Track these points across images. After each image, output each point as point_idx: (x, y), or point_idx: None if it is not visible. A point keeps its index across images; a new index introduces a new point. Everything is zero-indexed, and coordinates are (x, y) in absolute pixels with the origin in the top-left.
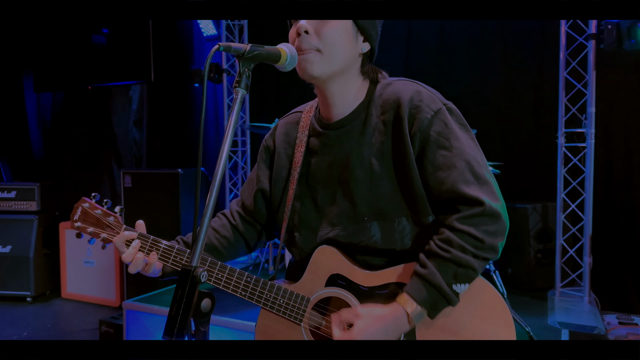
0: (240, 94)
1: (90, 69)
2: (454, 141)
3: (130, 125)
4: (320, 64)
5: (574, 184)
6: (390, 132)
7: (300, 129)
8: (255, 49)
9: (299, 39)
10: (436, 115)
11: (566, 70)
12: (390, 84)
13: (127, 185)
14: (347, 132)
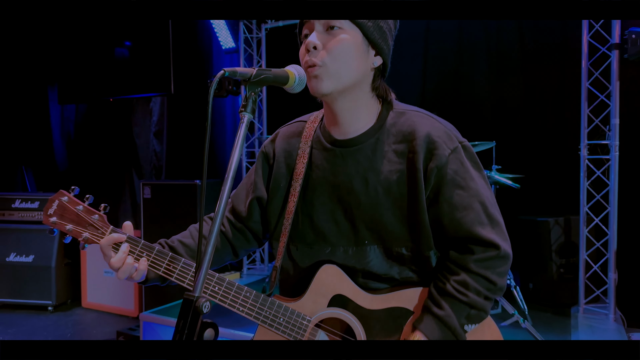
0: (246, 118)
1: (112, 81)
2: (470, 181)
3: (151, 137)
4: (330, 79)
5: (598, 197)
6: (402, 163)
7: (303, 139)
8: (262, 73)
9: (308, 55)
10: (453, 153)
11: (588, 80)
12: (404, 113)
13: (147, 197)
14: (355, 154)
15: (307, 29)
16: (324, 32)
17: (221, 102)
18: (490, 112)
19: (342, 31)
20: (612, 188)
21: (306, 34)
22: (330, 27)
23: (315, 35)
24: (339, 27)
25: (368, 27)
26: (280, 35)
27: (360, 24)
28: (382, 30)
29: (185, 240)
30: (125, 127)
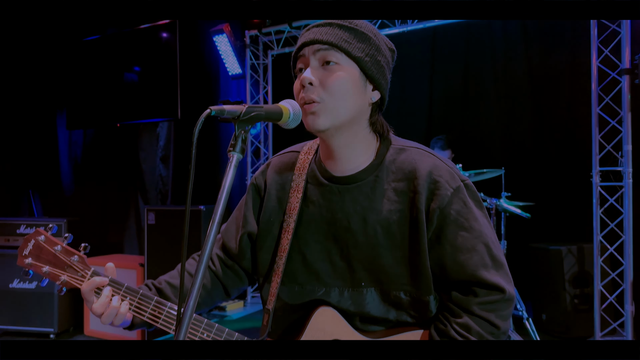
0: (235, 158)
1: (120, 106)
2: (473, 222)
3: (157, 162)
4: (327, 116)
5: (612, 225)
6: (402, 203)
7: (296, 172)
8: (253, 110)
9: (303, 91)
10: (455, 192)
11: (599, 106)
12: (404, 149)
13: (151, 222)
14: (353, 192)
15: (301, 63)
16: (319, 67)
17: (227, 127)
18: (498, 139)
19: (338, 67)
20: (627, 216)
21: (301, 68)
22: (326, 62)
23: (310, 71)
24: (335, 62)
25: (365, 62)
26: (286, 61)
27: (357, 58)
28: (380, 64)
29: (172, 281)
30: (132, 152)
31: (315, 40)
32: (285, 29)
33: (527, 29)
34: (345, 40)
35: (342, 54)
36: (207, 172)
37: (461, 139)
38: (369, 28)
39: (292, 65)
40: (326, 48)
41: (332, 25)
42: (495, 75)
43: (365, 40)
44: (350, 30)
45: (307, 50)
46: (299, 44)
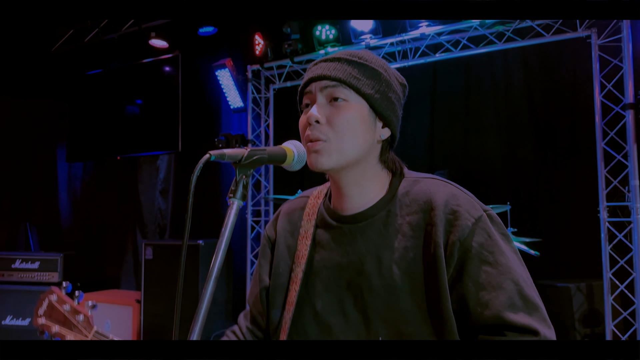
0: (235, 205)
1: (121, 139)
2: (499, 256)
3: (157, 195)
4: (331, 156)
5: (622, 262)
6: (418, 238)
7: (305, 217)
8: (255, 154)
9: (309, 128)
10: (477, 223)
11: (604, 140)
12: (418, 181)
13: (148, 257)
14: (364, 230)
15: (308, 99)
16: (327, 104)
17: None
18: (502, 173)
19: (346, 104)
20: (637, 252)
21: (307, 104)
22: (334, 98)
23: (317, 108)
24: (344, 99)
25: (375, 99)
26: (287, 95)
27: (367, 95)
28: (391, 100)
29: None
30: (131, 185)
31: (322, 76)
32: (287, 63)
33: (527, 63)
34: (354, 76)
35: (351, 90)
36: (207, 205)
37: (464, 174)
38: (379, 63)
39: (298, 100)
40: (334, 85)
41: (340, 60)
42: (497, 109)
43: (375, 76)
44: (359, 66)
45: (314, 86)
46: (305, 79)
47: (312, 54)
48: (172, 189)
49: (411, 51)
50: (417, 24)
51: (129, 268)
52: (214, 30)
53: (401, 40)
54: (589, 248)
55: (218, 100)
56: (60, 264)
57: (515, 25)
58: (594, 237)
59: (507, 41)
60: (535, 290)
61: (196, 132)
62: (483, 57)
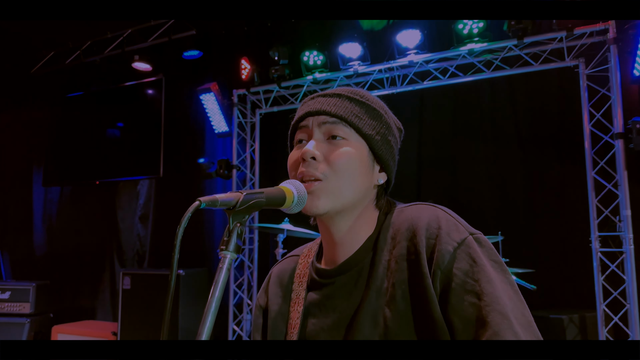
0: (228, 259)
1: (100, 163)
2: (486, 284)
3: (136, 221)
4: (328, 197)
5: (615, 294)
6: (403, 270)
7: (296, 279)
8: (251, 198)
9: (303, 165)
10: (460, 247)
11: (594, 170)
12: (402, 210)
13: (126, 287)
14: (354, 277)
15: (303, 135)
16: (324, 141)
17: (211, 186)
18: (492, 203)
19: (346, 142)
20: (630, 283)
21: (301, 139)
22: (333, 136)
23: (314, 143)
24: (343, 138)
25: (376, 141)
26: (274, 120)
27: (368, 136)
28: (390, 144)
29: None
30: (109, 211)
31: (322, 111)
32: (274, 88)
33: (514, 92)
34: (356, 115)
35: (352, 129)
36: (187, 231)
37: (453, 204)
38: (380, 104)
39: (290, 135)
40: (333, 121)
41: (340, 96)
42: (484, 138)
43: (377, 117)
44: (361, 105)
45: (312, 121)
46: (301, 113)
47: (300, 79)
48: (152, 215)
49: (399, 78)
50: (406, 52)
51: (105, 298)
52: (199, 54)
53: (389, 68)
54: (581, 279)
55: (202, 124)
56: (33, 294)
57: (503, 54)
58: (587, 268)
59: (495, 70)
60: (531, 322)
61: (178, 156)
62: (470, 86)
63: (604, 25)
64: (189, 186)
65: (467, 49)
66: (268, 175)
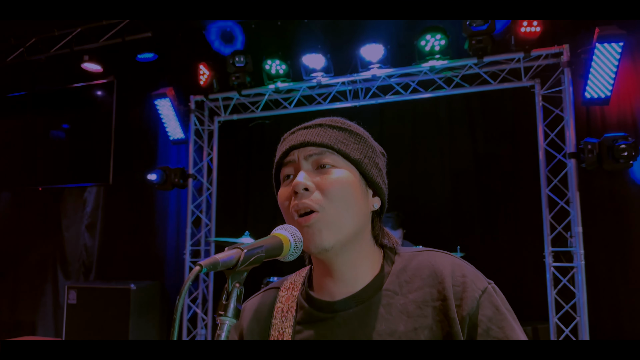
0: (226, 325)
1: (44, 168)
2: (510, 332)
3: (82, 230)
4: (331, 230)
5: (567, 307)
6: (427, 316)
7: (277, 314)
8: (252, 254)
9: (295, 198)
10: (484, 295)
11: (548, 187)
12: (414, 254)
13: (72, 302)
14: (362, 316)
15: (290, 170)
16: (313, 171)
17: (164, 195)
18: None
19: (337, 170)
20: (580, 297)
21: (288, 175)
22: (322, 165)
23: (304, 174)
24: (332, 165)
25: (365, 165)
26: (233, 128)
27: (356, 161)
28: (378, 167)
29: None
30: (53, 218)
31: (306, 142)
32: (234, 96)
33: (472, 108)
34: (341, 141)
35: (339, 156)
36: (138, 241)
37: (411, 218)
38: (361, 130)
39: (275, 174)
40: (320, 151)
41: (322, 126)
42: (442, 153)
43: (361, 141)
44: (344, 131)
45: (298, 154)
46: (284, 148)
47: (261, 87)
48: (100, 224)
49: (362, 91)
50: (369, 65)
51: (47, 311)
52: (154, 56)
53: (352, 80)
54: (535, 292)
55: (155, 130)
56: None
57: (463, 71)
58: (540, 282)
59: (454, 87)
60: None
61: (130, 163)
62: (429, 102)
63: (559, 48)
64: (140, 195)
65: (429, 66)
66: (226, 185)
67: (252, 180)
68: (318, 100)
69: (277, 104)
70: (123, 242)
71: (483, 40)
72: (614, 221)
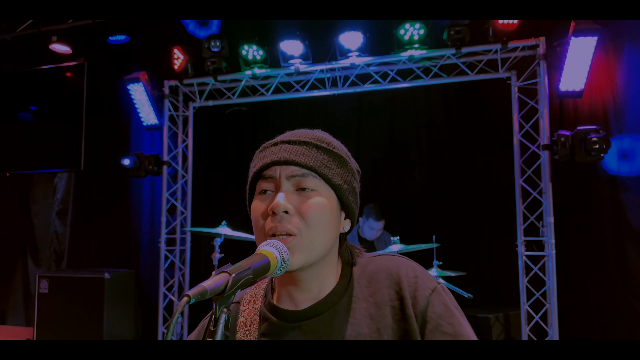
0: None
1: (11, 152)
2: (458, 327)
3: (53, 217)
4: (302, 253)
5: (537, 295)
6: (387, 316)
7: (240, 328)
8: (240, 277)
9: (274, 219)
10: (433, 294)
11: (522, 178)
12: (370, 260)
13: (43, 291)
14: (329, 322)
15: (268, 185)
16: (293, 192)
17: (138, 182)
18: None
19: (316, 193)
20: (550, 285)
21: (265, 190)
22: (303, 188)
23: (284, 196)
24: (312, 189)
25: (344, 190)
26: (208, 114)
27: (337, 186)
28: (355, 191)
29: None
30: (22, 205)
31: (290, 161)
32: (209, 81)
33: (449, 99)
34: (325, 165)
35: (321, 180)
36: (112, 229)
37: (389, 207)
38: (344, 150)
39: (251, 182)
40: (303, 173)
41: (308, 144)
42: (419, 143)
43: (343, 164)
44: (329, 153)
45: (279, 171)
46: (265, 161)
47: (238, 73)
48: (72, 211)
49: (340, 79)
50: (347, 53)
51: (17, 300)
52: (126, 38)
53: (331, 68)
54: (507, 280)
55: (128, 115)
56: None
57: (441, 61)
58: (512, 270)
59: (432, 77)
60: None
61: (102, 149)
62: (407, 91)
63: (536, 40)
64: (113, 182)
65: (408, 55)
66: (201, 172)
67: (229, 168)
68: (296, 87)
69: (254, 90)
70: (95, 229)
71: (461, 31)
72: (584, 212)
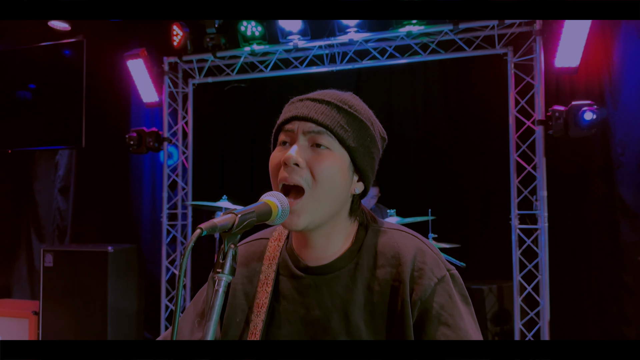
0: (223, 282)
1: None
2: (458, 319)
3: (55, 193)
4: (309, 213)
5: (530, 267)
6: (385, 293)
7: (266, 262)
8: (245, 218)
9: (286, 170)
10: (440, 283)
11: (517, 153)
12: (385, 231)
13: (48, 265)
14: (331, 283)
15: (287, 137)
16: (308, 147)
17: (139, 158)
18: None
19: (329, 153)
20: (542, 257)
21: (284, 142)
22: (317, 144)
23: (297, 149)
24: (327, 147)
25: (359, 153)
26: (208, 91)
27: (351, 148)
28: (372, 156)
29: None
30: (25, 182)
31: (309, 118)
32: (209, 57)
33: (446, 75)
34: (342, 126)
35: (336, 140)
36: (115, 204)
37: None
38: (367, 115)
39: (275, 133)
40: (319, 130)
41: (330, 104)
42: (416, 119)
43: (363, 128)
44: (349, 115)
45: (298, 126)
46: (287, 115)
47: (237, 50)
48: (74, 187)
49: (339, 55)
50: (346, 29)
51: (22, 275)
52: None
53: (329, 44)
54: (500, 252)
55: (128, 92)
56: None
57: (439, 37)
58: (505, 243)
59: (430, 53)
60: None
61: (102, 126)
62: (405, 68)
63: None
64: (114, 158)
65: (406, 31)
66: (202, 149)
67: (229, 144)
68: (295, 64)
69: (253, 67)
70: (98, 205)
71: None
72: (578, 187)
